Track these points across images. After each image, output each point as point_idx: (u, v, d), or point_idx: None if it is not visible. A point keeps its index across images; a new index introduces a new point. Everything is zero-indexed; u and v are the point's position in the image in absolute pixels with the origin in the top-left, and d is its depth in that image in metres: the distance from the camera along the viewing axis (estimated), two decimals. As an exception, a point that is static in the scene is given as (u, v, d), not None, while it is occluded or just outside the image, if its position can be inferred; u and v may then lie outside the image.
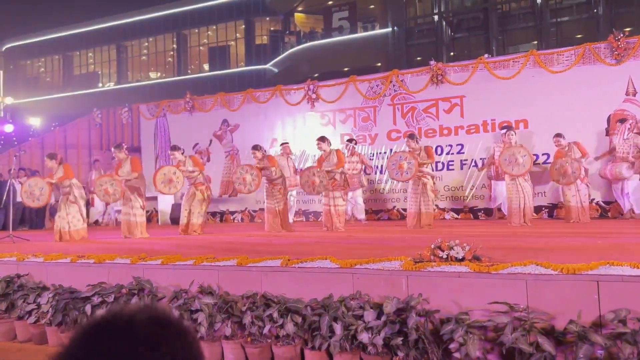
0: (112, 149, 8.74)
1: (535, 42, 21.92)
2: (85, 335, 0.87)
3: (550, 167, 8.34)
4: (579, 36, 20.06)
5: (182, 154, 8.80)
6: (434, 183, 8.51)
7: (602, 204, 9.10)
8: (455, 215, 10.21)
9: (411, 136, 8.56)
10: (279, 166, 8.82)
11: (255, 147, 8.65)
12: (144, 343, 0.85)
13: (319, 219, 10.03)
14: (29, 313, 4.86)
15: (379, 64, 24.02)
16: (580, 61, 9.32)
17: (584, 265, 3.35)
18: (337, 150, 8.42)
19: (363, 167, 9.93)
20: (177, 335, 0.90)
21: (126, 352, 0.84)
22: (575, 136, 9.09)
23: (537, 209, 9.49)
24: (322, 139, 8.47)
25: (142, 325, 0.88)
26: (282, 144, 10.20)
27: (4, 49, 36.33)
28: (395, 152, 9.02)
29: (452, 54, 23.38)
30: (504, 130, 8.73)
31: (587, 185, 8.50)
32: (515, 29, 22.75)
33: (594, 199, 9.11)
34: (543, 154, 9.35)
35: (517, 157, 7.80)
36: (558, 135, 8.38)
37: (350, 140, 9.96)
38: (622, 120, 8.81)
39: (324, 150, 8.37)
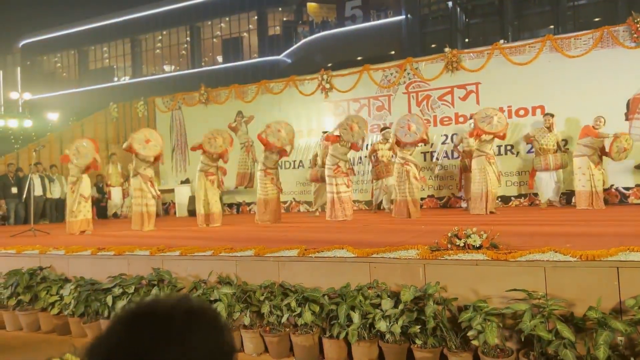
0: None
1: (552, 26, 21.54)
2: (123, 322, 0.89)
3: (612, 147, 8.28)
4: (597, 19, 19.65)
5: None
6: (418, 171, 8.39)
7: (622, 190, 8.98)
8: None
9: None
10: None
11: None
12: (188, 333, 0.88)
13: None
14: (52, 305, 4.96)
15: (393, 52, 23.81)
16: (599, 45, 9.16)
17: (604, 251, 3.32)
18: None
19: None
20: (215, 325, 0.93)
21: (163, 339, 0.86)
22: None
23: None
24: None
25: (183, 316, 0.90)
26: (382, 130, 9.90)
27: (20, 45, 36.74)
28: (405, 114, 8.83)
29: (467, 40, 23.10)
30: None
31: (602, 171, 8.42)
32: (531, 13, 22.36)
33: (613, 185, 9.00)
34: (561, 140, 9.22)
35: (493, 117, 7.98)
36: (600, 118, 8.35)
37: (384, 128, 9.86)
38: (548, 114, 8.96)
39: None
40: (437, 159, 10.52)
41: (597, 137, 8.18)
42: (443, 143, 10.47)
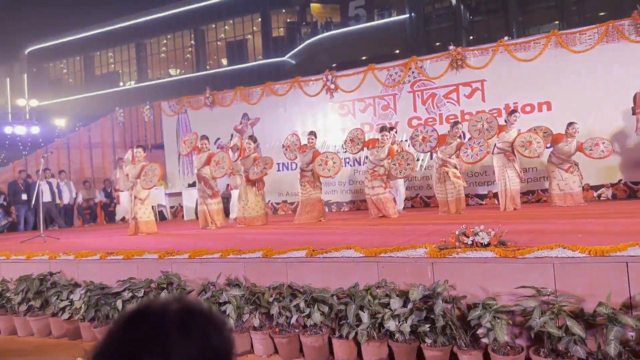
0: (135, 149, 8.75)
1: (557, 22, 21.47)
2: (119, 325, 0.91)
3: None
4: (602, 14, 19.55)
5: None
6: (456, 169, 8.36)
7: (631, 185, 8.92)
8: (480, 201, 10.11)
9: (384, 128, 8.66)
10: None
11: (312, 134, 9.00)
12: (176, 329, 0.89)
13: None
14: (63, 310, 5.00)
15: (398, 51, 23.80)
16: (604, 39, 9.10)
17: (612, 247, 3.30)
18: (391, 148, 8.43)
19: None
20: (207, 323, 0.93)
21: (159, 338, 0.87)
22: (600, 116, 8.97)
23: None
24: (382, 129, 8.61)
25: (173, 313, 0.91)
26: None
27: (26, 52, 37.01)
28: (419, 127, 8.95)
29: (471, 37, 23.07)
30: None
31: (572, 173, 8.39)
32: (536, 9, 22.29)
33: (621, 180, 8.94)
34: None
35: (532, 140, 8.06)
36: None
37: (390, 129, 9.85)
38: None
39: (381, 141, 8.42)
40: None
41: (502, 133, 8.28)
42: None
